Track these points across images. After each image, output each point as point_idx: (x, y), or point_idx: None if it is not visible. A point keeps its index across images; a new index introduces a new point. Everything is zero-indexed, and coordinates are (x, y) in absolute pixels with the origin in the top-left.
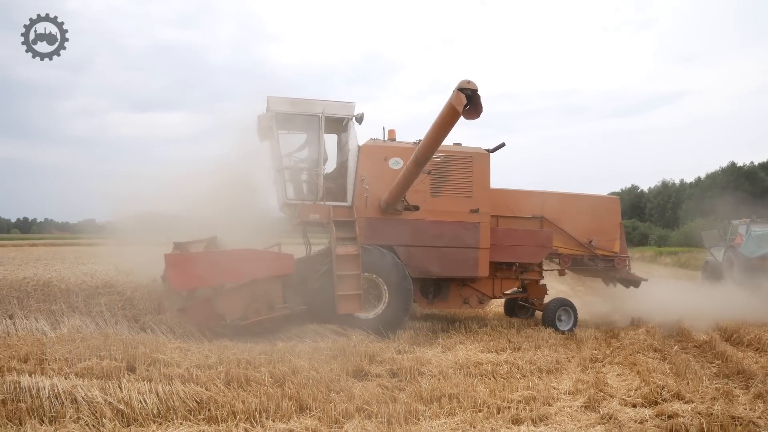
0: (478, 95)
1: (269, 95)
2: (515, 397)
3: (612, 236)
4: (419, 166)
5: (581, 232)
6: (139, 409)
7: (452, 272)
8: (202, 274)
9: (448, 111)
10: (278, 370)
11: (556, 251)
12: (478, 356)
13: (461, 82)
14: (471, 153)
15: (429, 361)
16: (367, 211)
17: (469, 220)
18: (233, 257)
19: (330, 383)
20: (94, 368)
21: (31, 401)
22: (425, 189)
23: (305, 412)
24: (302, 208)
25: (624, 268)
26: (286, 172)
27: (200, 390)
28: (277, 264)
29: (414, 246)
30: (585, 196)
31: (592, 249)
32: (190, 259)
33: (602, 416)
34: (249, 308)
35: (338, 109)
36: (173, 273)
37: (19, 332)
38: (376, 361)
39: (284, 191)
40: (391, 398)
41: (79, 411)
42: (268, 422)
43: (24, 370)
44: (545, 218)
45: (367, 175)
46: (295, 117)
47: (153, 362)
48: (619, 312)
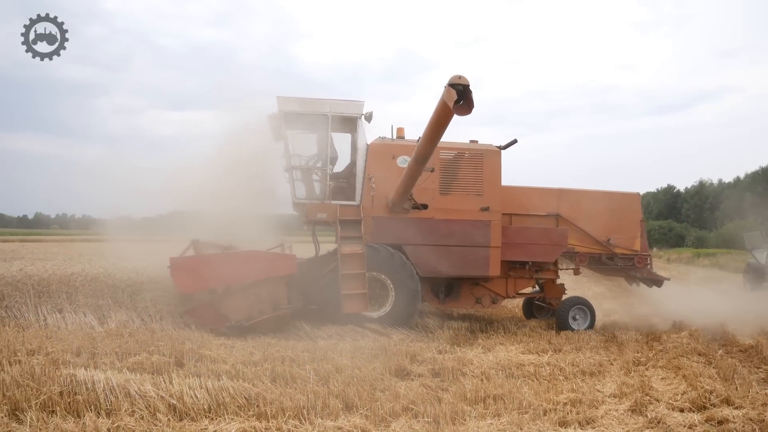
0: (470, 90)
1: (278, 95)
2: (560, 399)
3: (632, 234)
4: (420, 164)
5: (599, 229)
6: (190, 404)
7: (462, 271)
8: (207, 277)
9: (440, 107)
10: (322, 368)
11: (572, 250)
12: (519, 357)
13: (452, 77)
14: (481, 150)
15: (470, 362)
16: (375, 210)
17: (479, 218)
18: (237, 259)
19: (374, 382)
20: (145, 363)
21: (87, 394)
22: (434, 187)
23: (352, 410)
24: (309, 208)
25: (645, 267)
26: (295, 171)
27: (248, 386)
28: (279, 265)
29: (423, 245)
30: (603, 192)
31: (611, 247)
32: (195, 262)
33: (650, 420)
34: (253, 308)
35: (347, 108)
36: (179, 276)
37: (69, 326)
38: (417, 360)
39: (293, 190)
40: (435, 398)
41: (134, 405)
42: (316, 420)
43: (78, 364)
44: (561, 216)
45: (375, 174)
46: (304, 116)
47: (200, 358)
48: (659, 314)
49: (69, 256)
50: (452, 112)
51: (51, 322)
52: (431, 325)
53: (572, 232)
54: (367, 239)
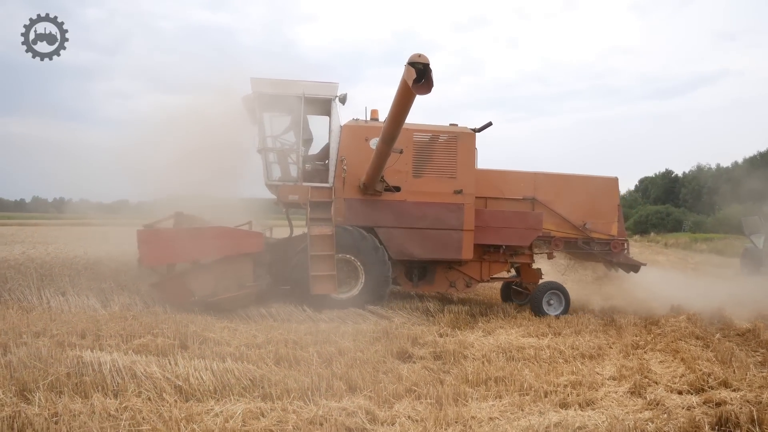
0: (430, 69)
1: (252, 76)
2: (561, 381)
3: (609, 218)
4: (387, 144)
5: (576, 214)
6: (196, 385)
7: (435, 254)
8: (173, 251)
9: (401, 87)
10: (325, 350)
11: (549, 234)
12: (519, 341)
13: (412, 56)
14: (456, 132)
15: (471, 345)
16: (348, 192)
17: (452, 201)
18: (204, 234)
19: (376, 364)
20: (149, 345)
21: (93, 375)
22: (407, 170)
23: (355, 391)
24: (282, 189)
25: (621, 252)
26: (269, 153)
27: (253, 368)
28: (246, 242)
29: (395, 227)
30: (580, 176)
31: (587, 232)
32: (161, 236)
33: (648, 402)
34: (219, 285)
35: (320, 89)
36: (145, 249)
37: (72, 309)
38: (419, 343)
39: (266, 172)
40: (437, 380)
41: (141, 386)
42: (321, 401)
43: (84, 346)
44: (537, 200)
45: (348, 156)
46: (278, 98)
47: (204, 341)
48: (657, 299)
49: (69, 239)
50: (412, 92)
51: (54, 305)
52: (432, 308)
53: (549, 216)
54: (340, 221)
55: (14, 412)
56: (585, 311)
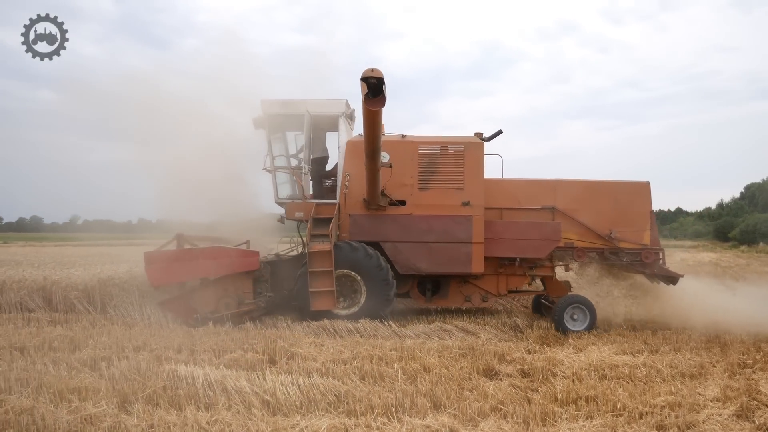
0: (383, 82)
1: (263, 98)
2: (658, 402)
3: (640, 227)
4: (371, 160)
5: (601, 222)
6: (283, 399)
7: (443, 268)
8: (176, 271)
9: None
10: (410, 366)
11: (571, 244)
12: (612, 358)
13: (365, 70)
14: (462, 142)
15: (561, 362)
16: (352, 208)
17: (460, 213)
18: (202, 255)
19: (462, 381)
20: (240, 360)
21: (187, 388)
22: (412, 183)
23: (440, 409)
24: (289, 207)
25: (656, 263)
26: (278, 173)
27: (338, 384)
28: (243, 261)
29: (401, 242)
30: (605, 182)
31: (614, 241)
32: (165, 257)
33: (758, 426)
34: (220, 302)
35: (326, 107)
36: (150, 270)
37: (170, 324)
38: (506, 360)
39: (276, 190)
40: (525, 398)
41: (230, 399)
42: (404, 417)
43: (179, 360)
44: (557, 209)
45: (352, 171)
46: (287, 117)
47: (291, 356)
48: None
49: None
50: (364, 107)
51: (154, 320)
52: (520, 324)
53: (571, 225)
54: (345, 237)
55: (115, 423)
56: (684, 330)
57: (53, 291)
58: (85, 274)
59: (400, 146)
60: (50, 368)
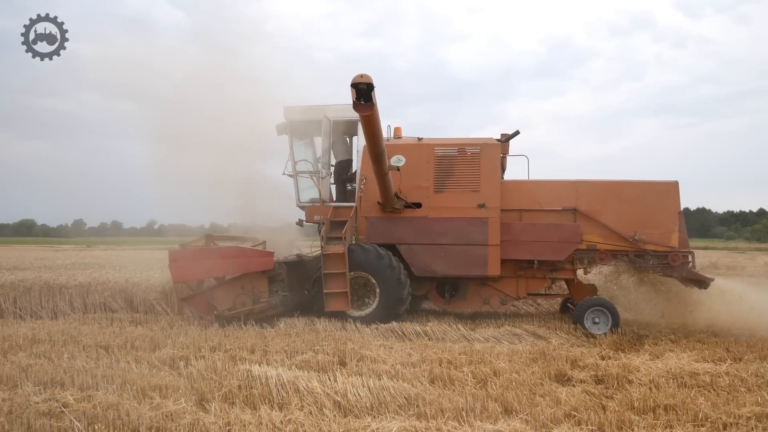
0: (373, 87)
1: (285, 105)
2: (743, 413)
3: (668, 228)
4: (377, 164)
5: (626, 224)
6: (354, 401)
7: (459, 271)
8: (196, 269)
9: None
10: (480, 370)
11: (594, 247)
12: (692, 366)
13: (355, 76)
14: (479, 144)
15: (637, 369)
16: (369, 210)
17: (476, 215)
18: (221, 254)
19: (533, 387)
20: (311, 361)
21: (261, 388)
22: (428, 185)
23: (511, 414)
24: (309, 210)
25: (684, 266)
26: (299, 177)
27: (408, 387)
28: (258, 260)
29: (417, 244)
30: (630, 182)
31: (639, 243)
32: (186, 255)
33: None
34: (237, 300)
35: (345, 112)
36: (174, 267)
37: (244, 325)
38: (579, 366)
39: (297, 194)
40: (599, 406)
41: (303, 400)
42: (475, 422)
43: (253, 360)
44: (578, 210)
45: (369, 174)
46: (308, 123)
47: (361, 358)
48: None
49: None
50: (356, 112)
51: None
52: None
53: (593, 227)
54: (362, 239)
55: (194, 420)
56: None
57: (134, 293)
58: (162, 276)
59: (416, 149)
60: (133, 366)
